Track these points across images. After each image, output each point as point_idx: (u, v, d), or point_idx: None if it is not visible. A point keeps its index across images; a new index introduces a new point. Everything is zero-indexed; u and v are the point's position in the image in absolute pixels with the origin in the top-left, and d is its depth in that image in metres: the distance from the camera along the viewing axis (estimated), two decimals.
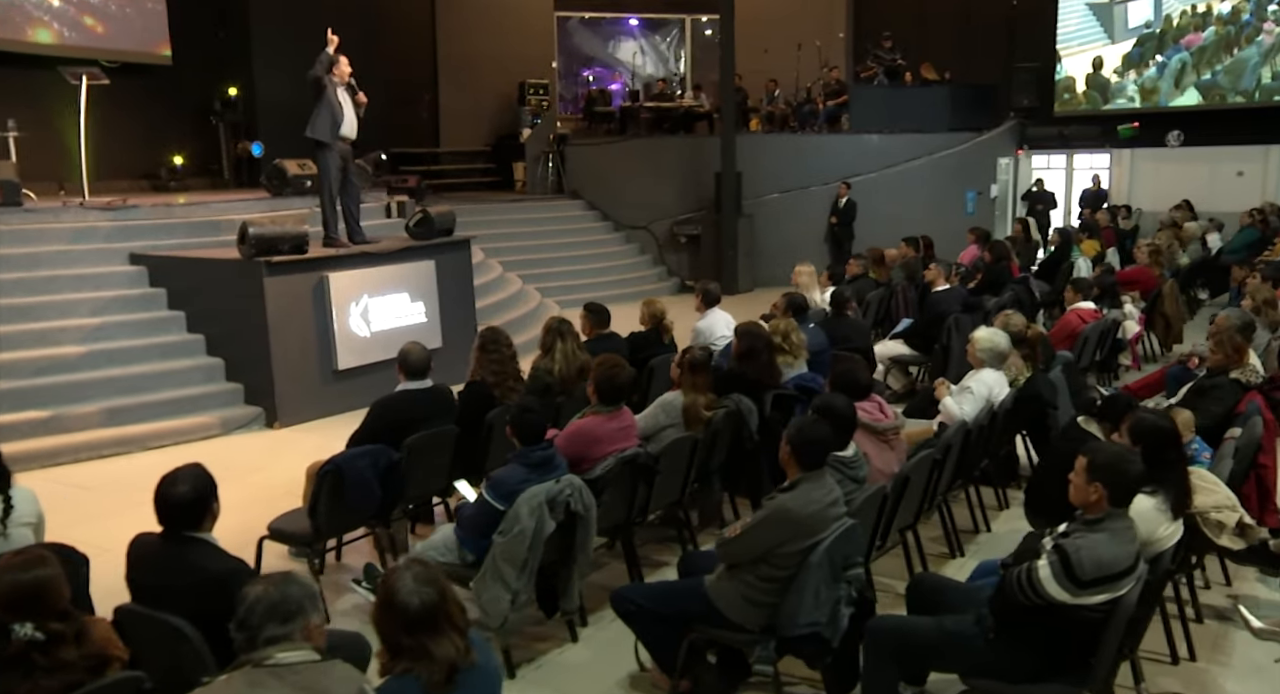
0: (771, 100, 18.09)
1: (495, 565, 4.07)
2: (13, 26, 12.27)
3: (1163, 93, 16.68)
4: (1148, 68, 16.81)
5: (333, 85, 8.40)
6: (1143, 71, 16.80)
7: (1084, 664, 3.21)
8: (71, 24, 12.80)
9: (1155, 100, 16.83)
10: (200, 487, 3.27)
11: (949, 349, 7.77)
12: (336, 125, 8.41)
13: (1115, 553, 3.14)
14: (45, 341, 7.68)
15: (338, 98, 8.41)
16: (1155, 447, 3.58)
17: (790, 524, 3.57)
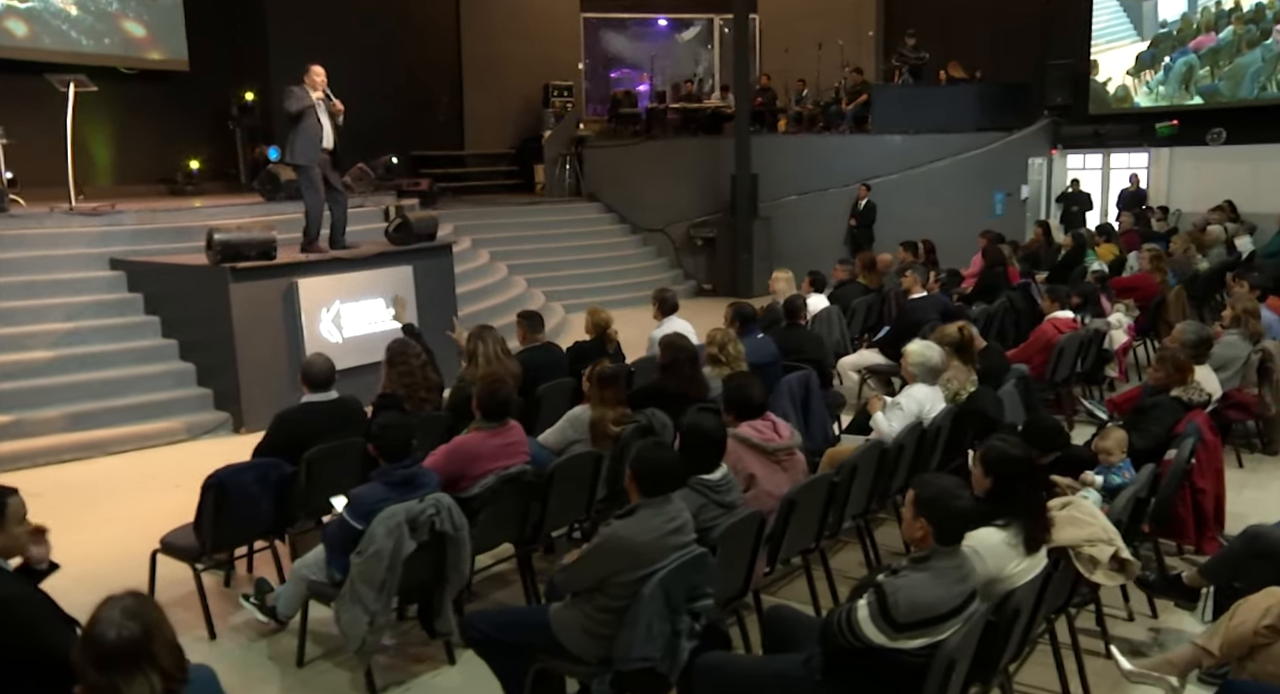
0: (799, 100, 17.82)
1: (353, 586, 3.97)
2: (30, 35, 12.57)
3: (1167, 97, 16.03)
4: (1156, 71, 16.18)
5: (309, 111, 8.33)
6: (1153, 74, 16.16)
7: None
8: (89, 31, 13.08)
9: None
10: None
11: None
12: (315, 146, 8.39)
13: (936, 595, 2.92)
14: (15, 346, 7.81)
15: (316, 118, 8.37)
16: (1006, 477, 3.34)
17: (624, 553, 3.41)
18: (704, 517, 3.81)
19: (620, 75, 19.73)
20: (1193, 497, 4.78)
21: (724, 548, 3.80)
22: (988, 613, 3.13)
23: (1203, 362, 5.58)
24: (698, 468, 3.86)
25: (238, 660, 4.50)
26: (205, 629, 4.68)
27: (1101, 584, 3.59)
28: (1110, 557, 3.53)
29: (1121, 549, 3.57)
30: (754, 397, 4.47)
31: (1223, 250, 11.80)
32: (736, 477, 4.31)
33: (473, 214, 14.86)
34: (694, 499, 3.82)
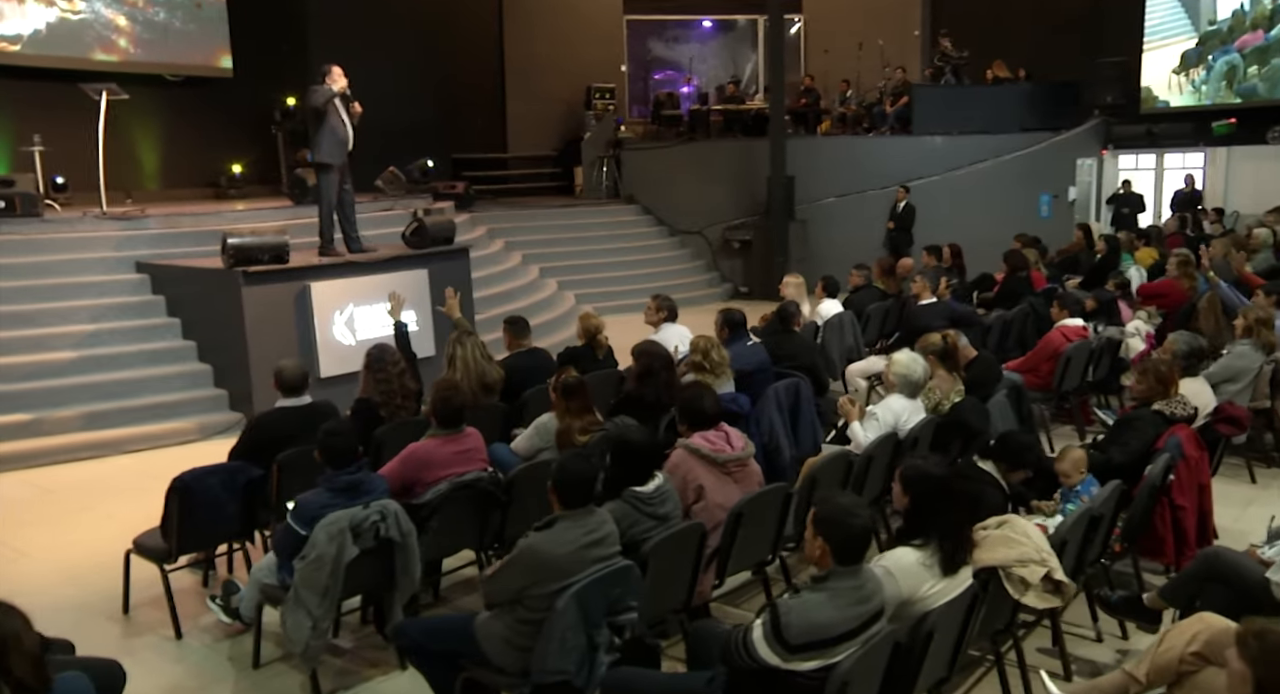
0: (843, 101, 17.62)
1: (297, 591, 4.02)
2: (82, 45, 12.98)
3: (1209, 97, 15.45)
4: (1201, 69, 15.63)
5: (333, 108, 8.48)
6: (1198, 72, 15.61)
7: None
8: (137, 41, 13.44)
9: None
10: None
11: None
12: (340, 146, 8.53)
13: (830, 616, 2.86)
14: (39, 347, 8.07)
15: (339, 118, 8.51)
16: (923, 496, 3.25)
17: (539, 565, 3.40)
18: (635, 529, 3.79)
19: (663, 77, 19.70)
20: (1172, 514, 4.60)
21: (656, 561, 3.76)
22: (898, 635, 3.05)
23: (1194, 374, 5.39)
24: (629, 480, 3.83)
25: (198, 660, 4.59)
26: (173, 628, 4.77)
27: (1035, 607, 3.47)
28: (1042, 578, 3.41)
29: (1055, 570, 3.45)
30: (706, 407, 4.42)
31: (1270, 255, 11.34)
32: (686, 488, 4.28)
33: (508, 216, 14.98)
34: (625, 511, 3.79)
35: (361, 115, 8.90)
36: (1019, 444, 4.41)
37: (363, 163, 13.14)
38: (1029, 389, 7.14)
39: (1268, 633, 2.32)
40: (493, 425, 5.69)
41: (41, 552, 5.86)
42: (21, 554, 5.88)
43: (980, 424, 5.42)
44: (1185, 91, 15.98)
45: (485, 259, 12.72)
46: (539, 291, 12.85)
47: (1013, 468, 4.43)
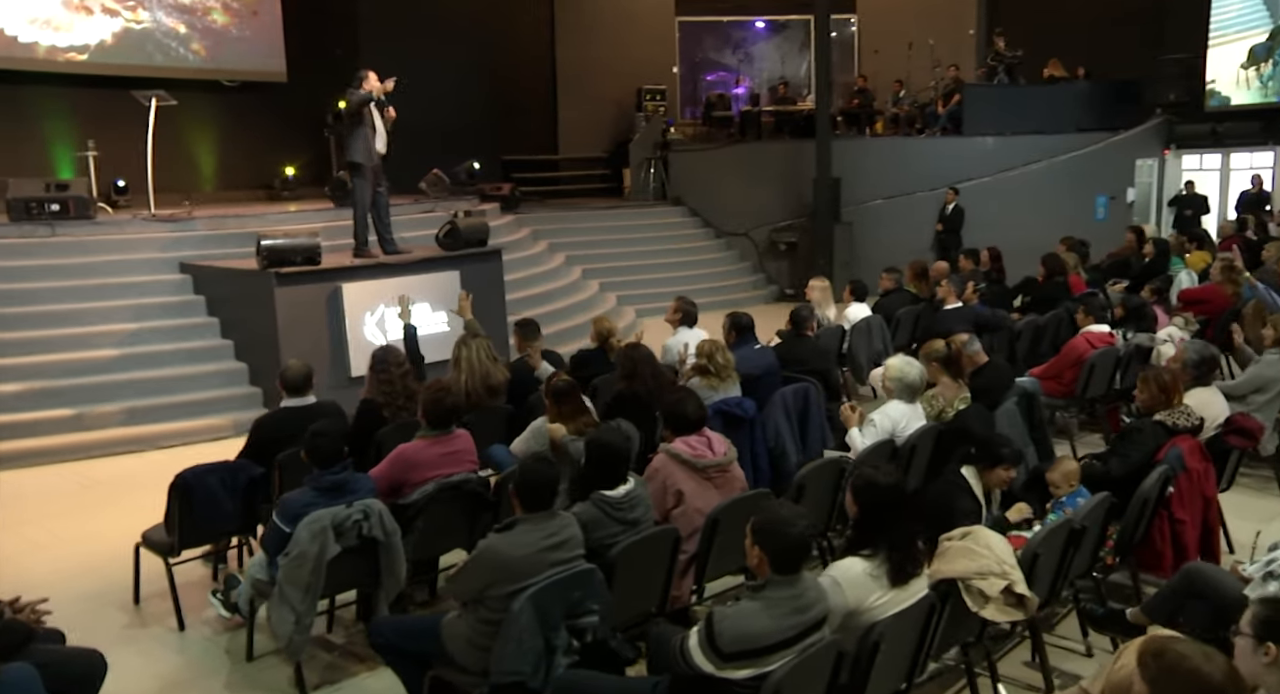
0: (896, 101, 17.41)
1: (281, 588, 4.13)
2: (144, 53, 13.42)
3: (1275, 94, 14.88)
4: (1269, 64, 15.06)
5: (367, 112, 8.66)
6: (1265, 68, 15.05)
7: None
8: (195, 48, 13.84)
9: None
10: None
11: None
12: (373, 148, 8.72)
13: (764, 626, 2.86)
14: (84, 345, 8.37)
15: (373, 122, 8.70)
16: (871, 505, 3.22)
17: (497, 567, 3.45)
18: (602, 533, 3.82)
19: (716, 78, 19.67)
20: (1172, 528, 4.48)
21: (625, 566, 3.79)
22: (841, 645, 3.04)
23: (1206, 383, 5.23)
24: (600, 483, 3.86)
25: (197, 652, 4.75)
26: (176, 620, 4.93)
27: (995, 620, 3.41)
28: (1003, 591, 3.36)
29: (1016, 584, 3.39)
30: (689, 412, 4.43)
31: None
32: (666, 492, 4.30)
33: (553, 218, 15.11)
34: (593, 514, 3.83)
35: (396, 120, 9.08)
36: (994, 444, 4.34)
37: (413, 164, 13.47)
38: (1053, 396, 7.04)
39: (1166, 652, 2.26)
40: (497, 427, 5.76)
41: (69, 542, 6.09)
42: (51, 543, 6.12)
43: (984, 432, 5.33)
44: (1253, 88, 15.45)
45: (527, 260, 12.86)
46: (579, 292, 12.93)
47: (992, 466, 4.34)
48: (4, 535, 6.21)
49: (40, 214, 9.29)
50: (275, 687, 4.39)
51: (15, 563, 5.81)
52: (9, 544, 6.09)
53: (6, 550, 5.99)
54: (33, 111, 12.41)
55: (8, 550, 5.99)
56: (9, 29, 12.37)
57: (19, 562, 5.84)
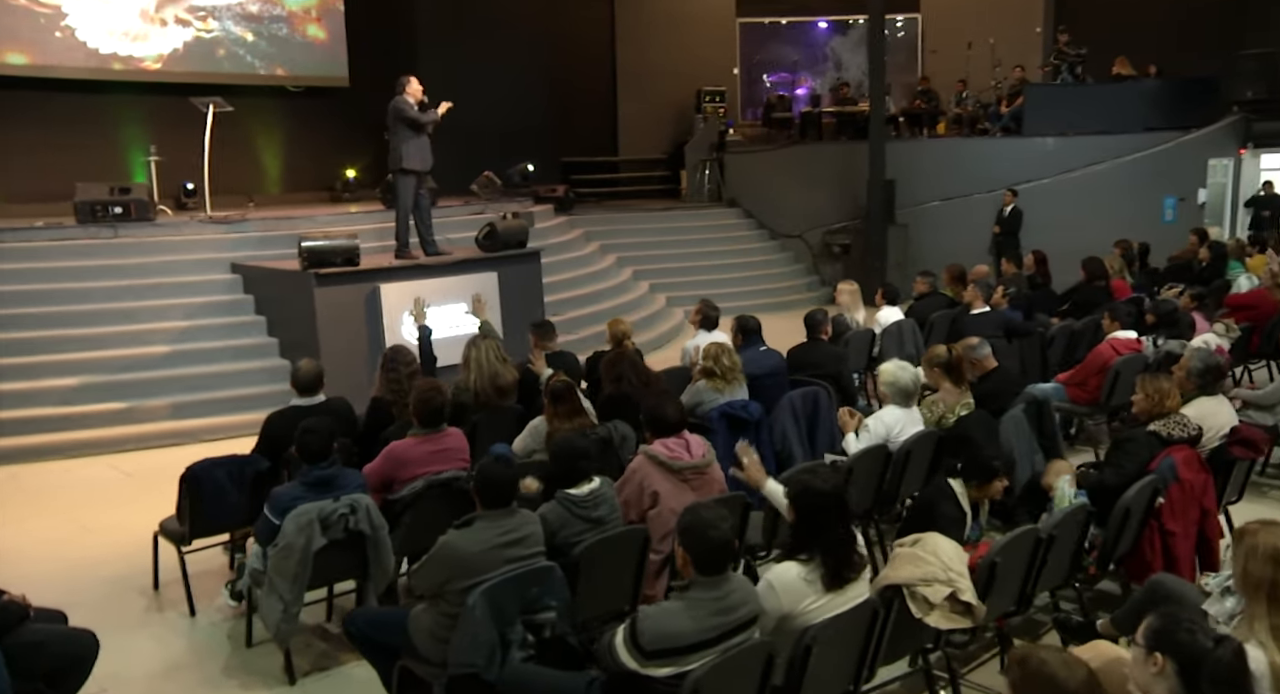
0: (959, 101, 17.14)
1: (270, 577, 4.32)
2: (214, 61, 13.95)
3: None
4: None
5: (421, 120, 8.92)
6: None
7: None
8: (263, 55, 14.35)
9: None
10: None
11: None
12: (428, 154, 8.98)
13: (684, 626, 2.92)
14: (137, 341, 8.77)
15: (433, 120, 8.96)
16: (808, 511, 3.24)
17: (453, 562, 3.57)
18: (567, 531, 3.91)
19: (778, 79, 19.59)
20: (1163, 539, 4.40)
21: (589, 564, 3.87)
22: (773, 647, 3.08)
23: (1212, 392, 5.09)
24: (564, 482, 3.95)
25: (203, 637, 4.98)
26: (188, 606, 5.17)
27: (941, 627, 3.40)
28: (948, 597, 3.35)
29: (962, 591, 3.38)
30: (669, 415, 4.49)
31: None
32: (642, 493, 4.37)
33: (607, 219, 15.25)
34: (558, 512, 3.92)
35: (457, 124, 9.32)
36: (983, 458, 4.30)
37: (472, 167, 13.79)
38: (1078, 404, 6.92)
39: (1029, 659, 2.25)
40: (506, 426, 5.86)
41: (102, 529, 6.40)
42: (86, 530, 6.44)
43: (985, 439, 5.28)
44: None
45: (576, 261, 13.03)
46: (627, 293, 13.05)
47: (983, 484, 4.31)
48: (44, 522, 6.57)
49: (104, 216, 9.74)
50: (269, 672, 4.57)
51: (51, 548, 6.14)
52: (48, 530, 6.45)
53: (44, 536, 6.34)
54: (110, 118, 13.01)
55: (46, 536, 6.34)
56: (90, 41, 12.99)
57: (54, 547, 6.17)
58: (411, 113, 8.90)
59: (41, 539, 6.32)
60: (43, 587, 5.09)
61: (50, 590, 5.16)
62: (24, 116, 12.08)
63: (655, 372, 6.02)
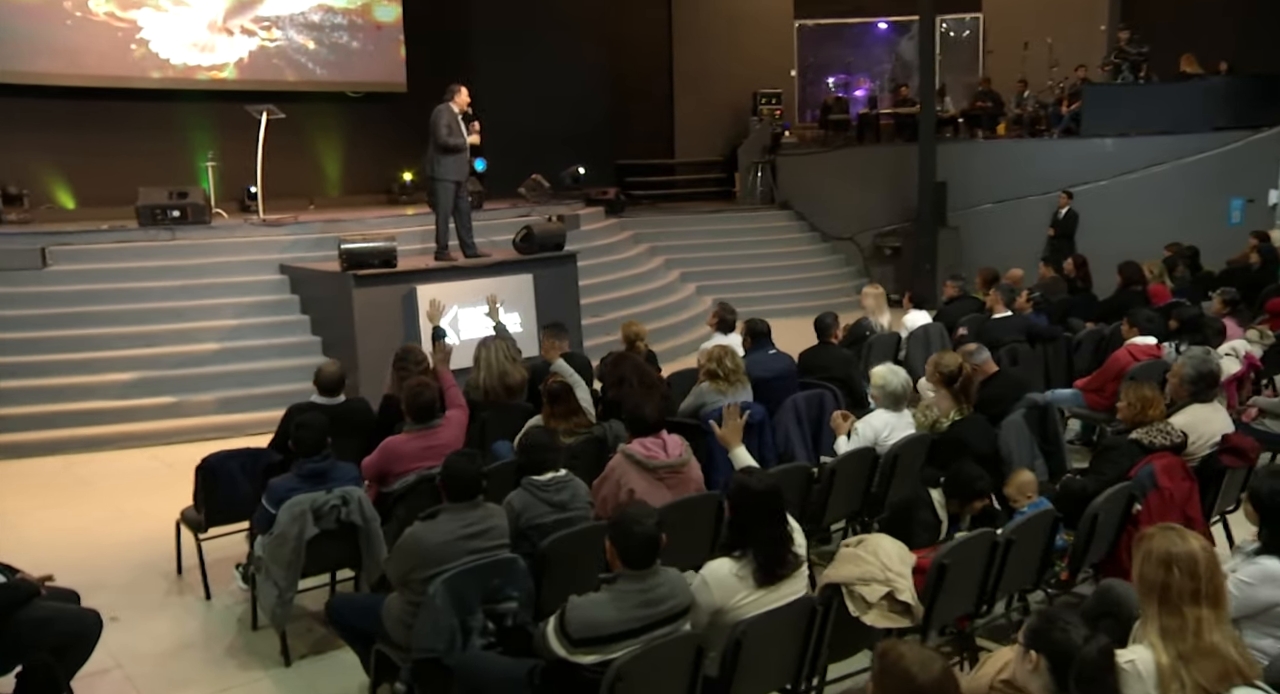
0: (1020, 102, 16.87)
1: (266, 564, 4.56)
2: (276, 69, 14.47)
3: None
4: None
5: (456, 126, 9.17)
6: None
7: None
8: (324, 62, 14.83)
9: None
10: None
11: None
12: (464, 164, 9.25)
13: (609, 616, 3.05)
14: (188, 339, 9.19)
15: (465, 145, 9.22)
16: (742, 509, 3.34)
17: (416, 552, 3.75)
18: (530, 513, 4.11)
19: (837, 80, 19.50)
20: None
21: (555, 557, 4.02)
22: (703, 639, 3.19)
23: (1206, 400, 5.01)
24: (530, 470, 4.14)
25: (215, 619, 5.28)
26: (204, 590, 5.47)
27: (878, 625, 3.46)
28: (885, 597, 3.42)
29: (899, 591, 3.44)
30: (647, 415, 4.62)
31: None
32: (619, 490, 4.51)
33: (657, 221, 15.40)
34: (524, 497, 4.12)
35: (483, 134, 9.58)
36: (966, 477, 4.33)
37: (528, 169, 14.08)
38: (1095, 409, 6.85)
39: (888, 653, 2.32)
40: (513, 424, 6.00)
41: (139, 517, 6.75)
42: (124, 517, 6.81)
43: (980, 443, 5.29)
44: None
45: (622, 262, 13.20)
46: (671, 294, 13.16)
47: (965, 502, 4.36)
48: (88, 509, 6.98)
49: (163, 219, 10.22)
50: (267, 654, 4.82)
51: (90, 533, 6.51)
52: (89, 516, 6.84)
53: (85, 523, 6.73)
54: (178, 125, 13.57)
55: (86, 522, 6.73)
56: (162, 52, 13.60)
57: (94, 531, 6.55)
58: (441, 136, 9.15)
59: (82, 524, 6.71)
60: (76, 567, 5.49)
61: (82, 571, 5.55)
62: (98, 124, 12.72)
63: (657, 374, 6.13)
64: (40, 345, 8.99)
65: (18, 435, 8.39)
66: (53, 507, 7.14)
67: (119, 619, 5.22)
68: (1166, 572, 2.68)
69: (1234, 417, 5.99)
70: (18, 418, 8.49)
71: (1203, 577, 2.65)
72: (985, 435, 5.35)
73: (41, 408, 8.58)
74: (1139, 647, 2.69)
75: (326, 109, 14.88)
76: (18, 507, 7.17)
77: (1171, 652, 2.60)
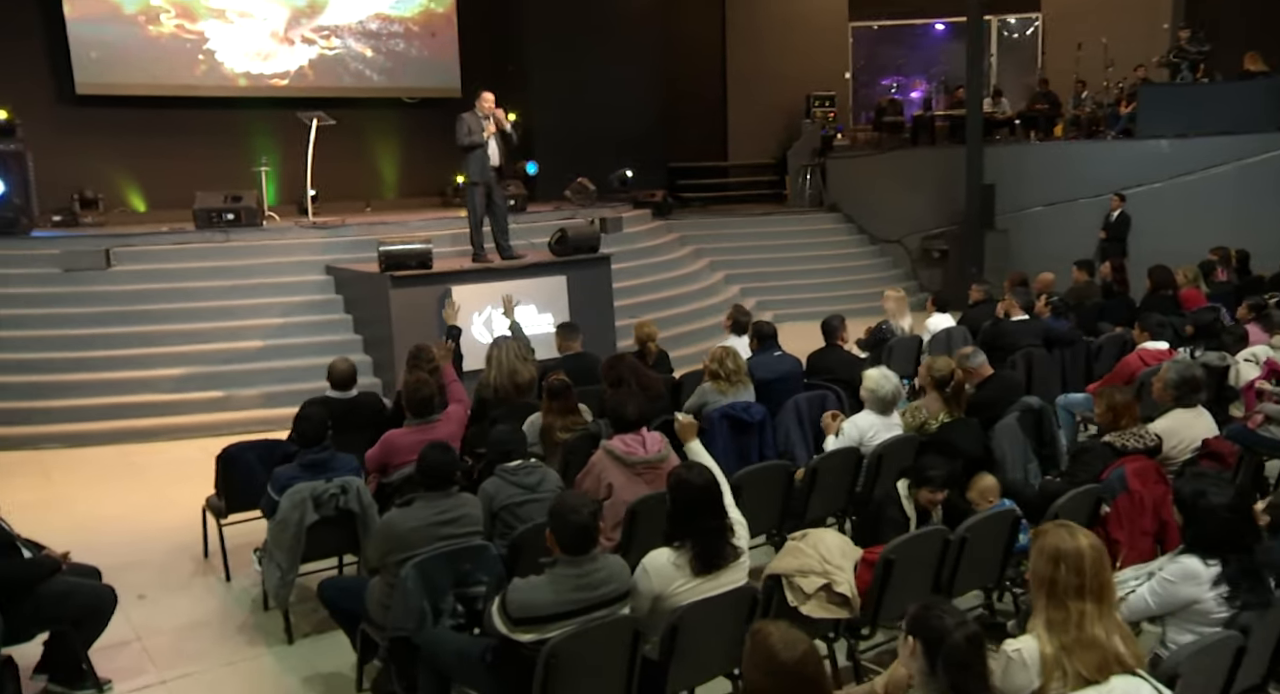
0: (1078, 103, 16.64)
1: (270, 548, 4.87)
2: (335, 76, 15.00)
3: None
4: None
5: (481, 133, 9.48)
6: None
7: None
8: (381, 69, 15.33)
9: None
10: None
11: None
12: (487, 167, 9.55)
13: (546, 598, 3.26)
14: (236, 336, 9.65)
15: (485, 141, 9.51)
16: (679, 502, 3.52)
17: (391, 536, 4.01)
18: (502, 496, 4.37)
19: (891, 82, 19.42)
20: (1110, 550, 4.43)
21: (529, 547, 4.23)
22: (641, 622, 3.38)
23: (1189, 405, 5.02)
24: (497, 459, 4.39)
25: (231, 599, 5.62)
26: (224, 573, 5.82)
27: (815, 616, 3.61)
28: (821, 588, 3.56)
29: (836, 583, 3.58)
30: (628, 413, 4.81)
31: None
32: (599, 484, 4.72)
33: (705, 224, 15.56)
34: (496, 482, 4.38)
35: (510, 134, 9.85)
36: (921, 465, 4.46)
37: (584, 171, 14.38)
38: None
39: (757, 632, 2.47)
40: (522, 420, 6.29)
41: (179, 504, 7.13)
42: (166, 504, 7.22)
43: (968, 445, 5.38)
44: None
45: (664, 264, 13.39)
46: (714, 296, 13.29)
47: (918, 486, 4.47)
48: (136, 496, 7.42)
49: (218, 222, 10.72)
50: (273, 632, 5.13)
51: (134, 518, 6.94)
52: (137, 503, 7.27)
53: (131, 508, 7.15)
54: (240, 131, 14.17)
55: (133, 508, 7.15)
56: (227, 62, 14.23)
57: (138, 516, 6.98)
58: (460, 138, 9.47)
59: (129, 510, 7.14)
60: (118, 548, 6.09)
61: (122, 552, 6.11)
62: (167, 131, 13.40)
63: (655, 375, 6.31)
64: (103, 341, 9.54)
65: (82, 425, 8.92)
66: (106, 493, 7.61)
67: (146, 597, 5.65)
68: (1054, 567, 2.79)
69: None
70: (82, 409, 9.03)
71: (1088, 573, 2.75)
72: (974, 438, 5.43)
73: (103, 400, 9.10)
74: (1026, 637, 2.80)
75: (383, 114, 15.39)
76: (75, 492, 7.66)
77: (1055, 643, 2.72)
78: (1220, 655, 3.06)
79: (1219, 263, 10.46)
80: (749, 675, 2.43)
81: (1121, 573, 3.74)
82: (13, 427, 8.85)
